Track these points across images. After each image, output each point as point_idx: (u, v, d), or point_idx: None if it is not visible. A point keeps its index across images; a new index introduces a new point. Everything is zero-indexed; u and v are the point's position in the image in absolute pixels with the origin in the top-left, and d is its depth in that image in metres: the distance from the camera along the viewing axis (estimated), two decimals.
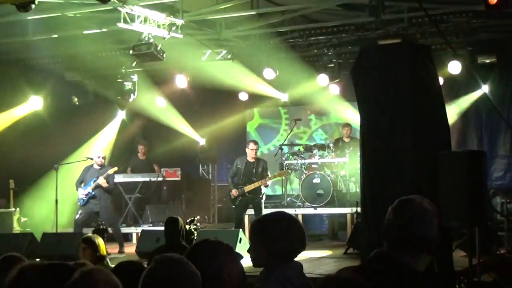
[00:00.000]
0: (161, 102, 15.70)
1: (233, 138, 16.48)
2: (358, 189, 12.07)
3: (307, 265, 3.32)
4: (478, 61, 12.57)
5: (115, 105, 15.68)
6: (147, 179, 14.27)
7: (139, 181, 14.29)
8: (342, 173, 13.37)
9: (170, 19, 11.00)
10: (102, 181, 12.11)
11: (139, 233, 12.30)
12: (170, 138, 16.11)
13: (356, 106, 8.90)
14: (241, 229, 11.60)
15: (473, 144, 13.99)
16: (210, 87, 15.11)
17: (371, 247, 3.21)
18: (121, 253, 12.04)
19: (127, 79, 14.29)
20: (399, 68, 8.07)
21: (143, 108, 15.66)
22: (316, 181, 13.02)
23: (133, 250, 11.53)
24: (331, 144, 13.70)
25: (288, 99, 15.74)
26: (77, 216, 12.30)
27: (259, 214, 11.68)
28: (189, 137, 16.37)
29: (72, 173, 13.04)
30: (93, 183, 12.17)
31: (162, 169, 14.61)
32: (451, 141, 8.29)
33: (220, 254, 2.94)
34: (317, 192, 12.98)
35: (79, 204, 12.33)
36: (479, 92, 13.49)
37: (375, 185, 8.01)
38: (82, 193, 12.24)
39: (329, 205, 12.94)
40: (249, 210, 12.34)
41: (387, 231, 3.14)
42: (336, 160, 13.42)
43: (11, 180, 13.66)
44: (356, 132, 12.51)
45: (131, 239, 13.65)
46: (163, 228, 8.15)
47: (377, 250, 3.12)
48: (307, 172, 13.38)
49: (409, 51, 8.47)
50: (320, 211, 13.25)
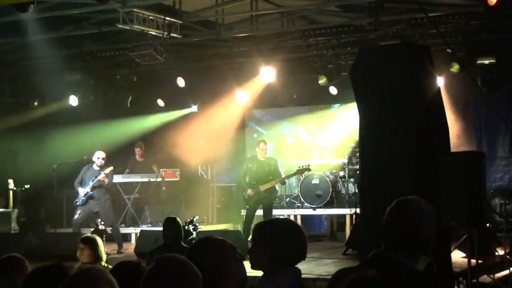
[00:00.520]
0: (160, 102, 15.69)
1: (233, 138, 16.47)
2: (357, 190, 12.09)
3: (306, 266, 3.32)
4: (477, 62, 12.58)
5: (114, 105, 15.66)
6: (146, 180, 14.27)
7: (138, 182, 14.29)
8: (341, 174, 13.38)
9: (169, 19, 11.00)
10: (102, 176, 12.07)
11: (138, 234, 12.30)
12: (169, 138, 16.10)
13: (355, 107, 8.89)
14: (240, 230, 11.60)
15: (472, 145, 13.98)
16: (209, 88, 15.11)
17: (370, 248, 3.21)
18: (120, 253, 12.03)
19: (126, 79, 14.29)
20: (398, 69, 8.07)
21: (142, 108, 15.65)
22: (315, 182, 13.03)
23: (132, 250, 11.53)
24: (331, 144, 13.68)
25: (287, 100, 15.73)
26: (76, 216, 12.29)
27: (269, 213, 11.65)
28: (188, 137, 16.36)
29: (71, 174, 13.03)
30: (91, 182, 12.17)
31: (161, 170, 14.61)
32: (450, 142, 8.30)
33: (220, 252, 2.93)
34: (316, 192, 12.98)
35: (78, 204, 12.32)
36: (478, 93, 13.48)
37: (374, 186, 8.02)
38: (81, 193, 12.24)
39: (328, 206, 12.95)
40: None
41: (385, 231, 3.15)
42: (335, 161, 13.42)
43: (10, 180, 13.66)
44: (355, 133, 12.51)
45: (130, 240, 13.65)
46: (162, 228, 8.15)
47: (375, 250, 3.12)
48: (306, 173, 13.37)
49: (408, 52, 8.48)
50: (319, 212, 13.26)
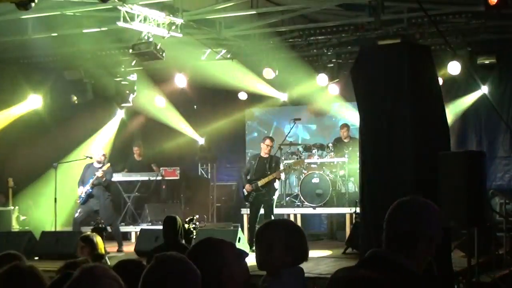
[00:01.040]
0: (160, 101, 15.70)
1: (233, 137, 16.49)
2: (357, 189, 12.09)
3: (305, 265, 3.33)
4: (477, 62, 12.58)
5: (114, 104, 15.67)
6: (146, 178, 14.28)
7: (138, 180, 14.30)
8: (341, 173, 13.37)
9: (169, 18, 11.00)
10: (100, 174, 12.07)
11: (138, 232, 12.30)
12: (169, 137, 16.11)
13: (355, 106, 8.88)
14: (240, 229, 11.59)
15: (473, 144, 13.99)
16: (209, 87, 15.11)
17: (370, 247, 3.20)
18: (120, 252, 12.03)
19: (126, 78, 14.29)
20: (398, 68, 8.06)
21: (142, 107, 15.66)
22: (315, 181, 13.02)
23: (132, 249, 11.53)
24: (330, 144, 13.70)
25: (287, 99, 15.75)
26: (76, 214, 12.29)
27: (270, 213, 11.66)
28: (188, 136, 16.38)
29: (71, 172, 13.03)
30: (91, 181, 12.17)
31: (161, 168, 14.61)
32: (450, 141, 8.29)
33: (221, 252, 2.93)
34: (316, 192, 12.97)
35: (79, 202, 12.33)
36: (479, 92, 13.49)
37: (374, 185, 8.01)
38: (79, 192, 12.24)
39: (328, 205, 12.94)
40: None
41: (386, 231, 3.14)
42: (335, 160, 13.42)
43: (10, 178, 13.66)
44: (355, 132, 12.51)
45: (130, 238, 13.66)
46: (162, 227, 8.16)
47: (373, 250, 3.11)
48: (306, 172, 13.38)
49: (408, 51, 8.46)
50: (319, 211, 13.25)
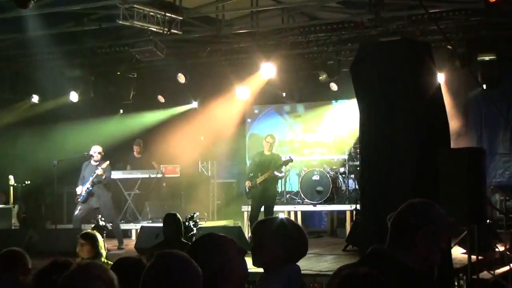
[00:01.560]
0: (160, 98, 15.69)
1: (233, 135, 16.48)
2: (357, 186, 12.10)
3: (306, 262, 3.34)
4: (477, 59, 12.57)
5: (115, 101, 15.67)
6: (147, 176, 14.29)
7: (139, 178, 14.30)
8: (341, 170, 13.38)
9: (169, 15, 10.99)
10: (100, 172, 12.08)
11: (139, 230, 12.31)
12: (169, 134, 16.11)
13: (355, 103, 8.89)
14: (240, 226, 11.61)
15: (473, 141, 13.98)
16: (209, 84, 15.11)
17: (370, 244, 3.20)
18: (120, 249, 12.03)
19: (126, 75, 14.29)
20: (398, 65, 8.07)
21: (142, 104, 15.66)
22: (315, 178, 13.04)
23: (133, 246, 11.54)
24: (331, 141, 13.71)
25: (287, 96, 15.74)
26: (77, 212, 12.30)
27: (270, 210, 11.70)
28: (188, 133, 16.37)
29: (71, 170, 13.04)
30: (91, 178, 12.18)
31: (161, 166, 14.61)
32: (450, 138, 8.30)
33: (223, 248, 2.94)
34: (317, 189, 12.99)
35: (79, 200, 12.34)
36: (479, 89, 13.49)
37: (375, 182, 8.02)
38: (78, 191, 12.25)
39: (328, 202, 12.96)
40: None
41: (391, 228, 3.13)
42: (335, 157, 13.43)
43: (11, 176, 13.67)
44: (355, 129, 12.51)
45: (131, 236, 13.67)
46: (162, 224, 8.16)
47: (374, 246, 3.11)
48: (306, 169, 13.39)
49: (408, 48, 8.47)
50: (319, 208, 13.27)
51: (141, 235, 11.70)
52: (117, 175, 13.77)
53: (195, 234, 9.89)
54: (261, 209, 11.82)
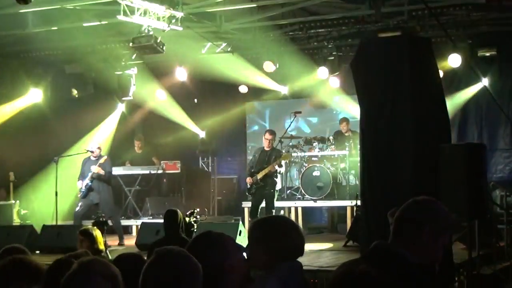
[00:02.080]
0: (161, 94, 15.69)
1: (233, 131, 16.49)
2: (358, 182, 12.08)
3: (306, 258, 3.33)
4: (478, 54, 12.57)
5: (114, 97, 15.65)
6: (147, 172, 14.29)
7: (139, 174, 14.30)
8: (342, 165, 13.38)
9: (169, 11, 10.98)
10: (97, 169, 12.10)
11: (139, 226, 12.31)
12: (170, 130, 16.11)
13: (356, 99, 8.88)
14: (241, 222, 11.61)
15: (473, 137, 13.99)
16: (210, 80, 15.09)
17: (371, 239, 3.20)
18: (121, 245, 12.05)
19: (126, 71, 14.28)
20: (399, 61, 8.07)
21: (143, 100, 15.65)
22: (316, 173, 13.03)
23: (133, 242, 11.54)
24: (331, 137, 13.71)
25: (288, 92, 15.73)
26: (77, 208, 12.31)
27: (271, 206, 11.72)
28: (189, 129, 16.37)
29: (72, 166, 13.04)
30: (90, 174, 12.19)
31: (162, 162, 14.61)
32: (451, 134, 8.30)
33: (221, 246, 2.94)
34: (317, 185, 12.98)
35: (80, 196, 12.35)
36: (479, 85, 13.47)
37: (375, 178, 8.02)
38: (79, 185, 12.27)
39: (329, 197, 12.95)
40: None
41: (394, 223, 3.13)
42: (336, 152, 13.42)
43: (11, 172, 13.67)
44: (355, 125, 12.50)
45: (131, 232, 13.67)
46: (163, 220, 8.17)
47: (376, 242, 3.12)
48: (307, 165, 13.39)
49: (409, 44, 8.47)
50: (320, 203, 13.26)
51: (141, 231, 11.70)
52: (117, 171, 13.77)
53: (195, 230, 9.88)
54: (262, 204, 11.84)
